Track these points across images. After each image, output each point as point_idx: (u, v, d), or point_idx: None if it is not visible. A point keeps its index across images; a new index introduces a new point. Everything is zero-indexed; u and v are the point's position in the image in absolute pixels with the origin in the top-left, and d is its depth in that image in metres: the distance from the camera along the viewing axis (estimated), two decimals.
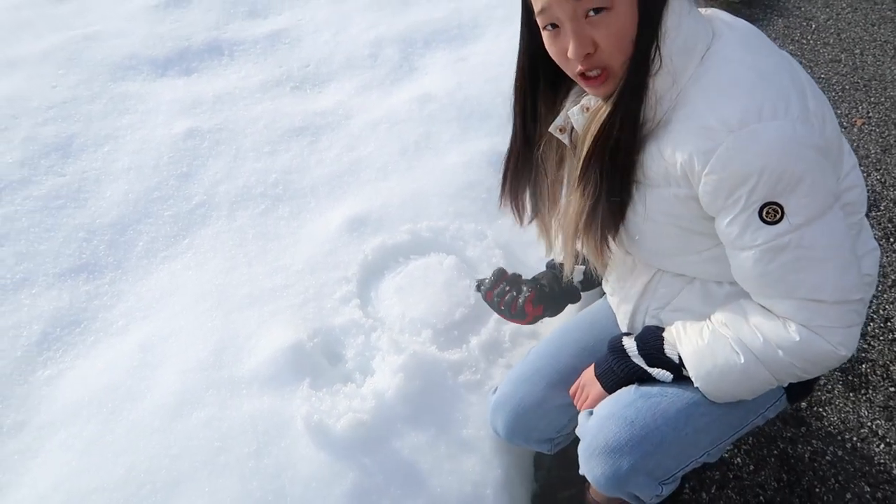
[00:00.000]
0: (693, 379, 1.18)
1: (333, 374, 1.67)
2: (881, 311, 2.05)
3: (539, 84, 1.19)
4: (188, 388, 1.62)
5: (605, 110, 1.05)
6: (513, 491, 1.54)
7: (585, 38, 0.99)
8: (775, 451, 1.72)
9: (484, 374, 1.68)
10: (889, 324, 2.01)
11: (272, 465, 1.47)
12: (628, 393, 1.24)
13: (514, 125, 1.25)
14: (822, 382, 1.87)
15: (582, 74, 1.04)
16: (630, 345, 1.27)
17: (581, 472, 1.26)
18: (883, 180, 2.53)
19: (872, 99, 2.97)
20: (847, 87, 3.06)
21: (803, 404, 1.82)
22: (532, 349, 1.48)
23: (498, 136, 2.43)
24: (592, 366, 1.33)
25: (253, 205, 2.17)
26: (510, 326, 1.79)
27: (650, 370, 1.24)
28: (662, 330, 1.25)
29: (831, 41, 3.38)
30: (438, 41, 3.00)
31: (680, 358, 1.19)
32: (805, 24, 3.53)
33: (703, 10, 1.12)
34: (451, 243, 2.01)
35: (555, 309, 1.52)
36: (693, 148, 1.01)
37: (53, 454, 1.52)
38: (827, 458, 1.70)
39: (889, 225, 2.34)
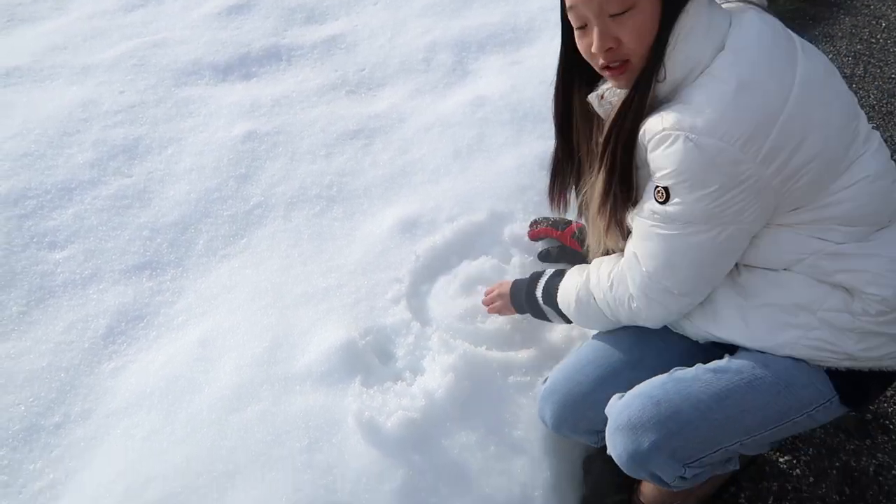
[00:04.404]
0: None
1: (384, 373, 1.69)
2: None
3: (575, 81, 1.32)
4: (244, 382, 1.66)
5: (622, 97, 1.18)
6: (561, 494, 1.52)
7: (608, 35, 1.12)
8: (837, 464, 1.65)
9: (534, 375, 1.67)
10: None
11: (324, 461, 1.50)
12: (661, 377, 1.26)
13: (555, 121, 1.41)
14: (888, 393, 1.79)
15: (605, 66, 1.16)
16: (546, 275, 1.53)
17: (608, 451, 1.27)
18: None
19: None
20: None
21: (868, 416, 1.74)
22: (586, 342, 1.48)
23: (552, 139, 2.40)
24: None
25: (308, 206, 2.21)
26: (561, 328, 1.78)
27: (543, 306, 1.53)
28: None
29: None
30: (493, 45, 3.00)
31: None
32: (874, 22, 3.39)
33: (731, 4, 1.17)
34: (502, 245, 2.00)
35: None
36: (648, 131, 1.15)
37: (117, 442, 1.58)
38: (893, 472, 1.63)
39: None
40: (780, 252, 1.20)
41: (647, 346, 1.37)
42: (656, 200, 1.16)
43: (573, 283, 1.42)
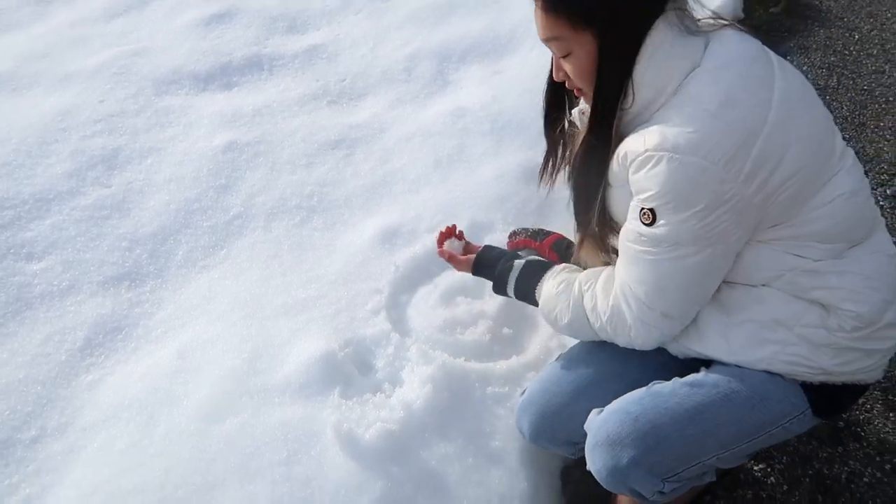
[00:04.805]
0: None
1: (363, 384, 1.69)
2: None
3: (561, 93, 1.40)
4: (223, 394, 1.66)
5: (588, 118, 1.24)
6: None
7: (560, 70, 1.26)
8: (810, 472, 1.68)
9: (512, 386, 1.68)
10: None
11: (302, 473, 1.50)
12: (639, 391, 1.28)
13: (545, 125, 1.47)
14: (860, 402, 1.82)
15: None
16: (517, 267, 1.52)
17: (587, 467, 1.27)
18: None
19: None
20: (892, 98, 2.98)
21: (840, 424, 1.77)
22: (563, 353, 1.50)
23: (532, 149, 2.44)
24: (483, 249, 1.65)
25: (288, 216, 2.22)
26: (539, 340, 1.80)
27: (517, 300, 1.54)
28: (546, 271, 1.47)
29: (875, 52, 3.30)
30: (474, 55, 3.03)
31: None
32: (848, 34, 3.46)
33: (712, 22, 1.20)
34: None
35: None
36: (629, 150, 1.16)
37: (94, 455, 1.57)
38: (865, 479, 1.66)
39: None
40: (760, 268, 1.22)
41: (624, 359, 1.38)
42: (642, 223, 1.15)
43: (564, 302, 1.37)
